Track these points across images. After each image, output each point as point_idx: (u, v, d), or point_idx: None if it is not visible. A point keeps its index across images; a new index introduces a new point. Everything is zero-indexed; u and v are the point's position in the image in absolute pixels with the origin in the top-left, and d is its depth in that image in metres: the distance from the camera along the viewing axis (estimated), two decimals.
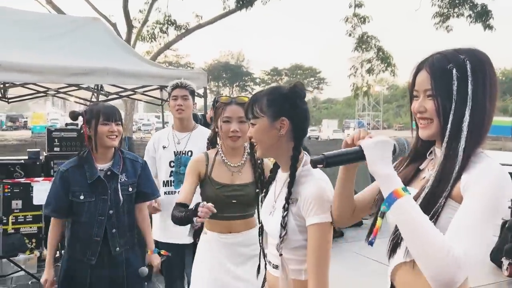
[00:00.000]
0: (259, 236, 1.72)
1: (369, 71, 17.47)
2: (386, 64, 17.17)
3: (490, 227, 1.06)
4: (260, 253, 1.90)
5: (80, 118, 2.47)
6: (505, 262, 4.72)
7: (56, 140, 5.16)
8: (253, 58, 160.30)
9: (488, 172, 1.08)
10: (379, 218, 1.10)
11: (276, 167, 1.69)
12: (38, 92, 5.89)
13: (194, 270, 2.22)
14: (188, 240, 2.45)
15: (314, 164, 1.16)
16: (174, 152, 2.93)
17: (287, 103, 1.50)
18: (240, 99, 2.10)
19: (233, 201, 2.00)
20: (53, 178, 2.44)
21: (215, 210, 1.76)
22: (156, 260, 2.51)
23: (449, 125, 1.13)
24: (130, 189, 2.43)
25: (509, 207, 5.83)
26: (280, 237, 1.48)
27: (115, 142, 2.35)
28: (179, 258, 2.37)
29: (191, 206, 1.92)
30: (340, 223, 1.46)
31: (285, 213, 1.48)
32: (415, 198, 1.11)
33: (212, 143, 2.30)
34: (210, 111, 3.84)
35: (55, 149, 5.14)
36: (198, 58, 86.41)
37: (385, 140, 1.13)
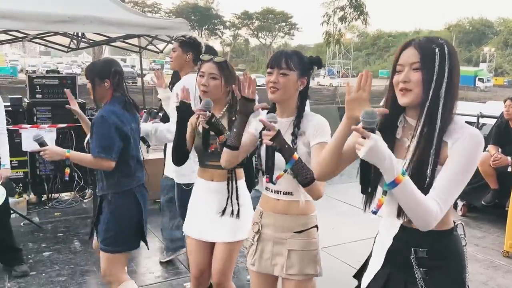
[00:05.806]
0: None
1: (342, 19, 17.50)
2: (358, 12, 17.22)
3: (464, 184, 1.35)
4: (236, 199, 2.32)
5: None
6: (460, 203, 5.26)
7: (38, 87, 5.15)
8: (223, 1, 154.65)
9: (467, 138, 1.33)
10: (382, 196, 1.31)
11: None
12: (17, 37, 5.76)
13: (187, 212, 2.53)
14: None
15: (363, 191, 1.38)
16: None
17: (309, 68, 1.91)
18: (217, 58, 2.33)
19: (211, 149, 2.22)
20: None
21: None
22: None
23: (430, 95, 1.35)
24: None
25: None
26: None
27: None
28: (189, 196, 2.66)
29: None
30: (324, 179, 1.62)
31: (295, 140, 1.88)
32: (407, 168, 1.36)
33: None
34: None
35: (37, 96, 5.14)
36: None
37: (369, 147, 1.22)
